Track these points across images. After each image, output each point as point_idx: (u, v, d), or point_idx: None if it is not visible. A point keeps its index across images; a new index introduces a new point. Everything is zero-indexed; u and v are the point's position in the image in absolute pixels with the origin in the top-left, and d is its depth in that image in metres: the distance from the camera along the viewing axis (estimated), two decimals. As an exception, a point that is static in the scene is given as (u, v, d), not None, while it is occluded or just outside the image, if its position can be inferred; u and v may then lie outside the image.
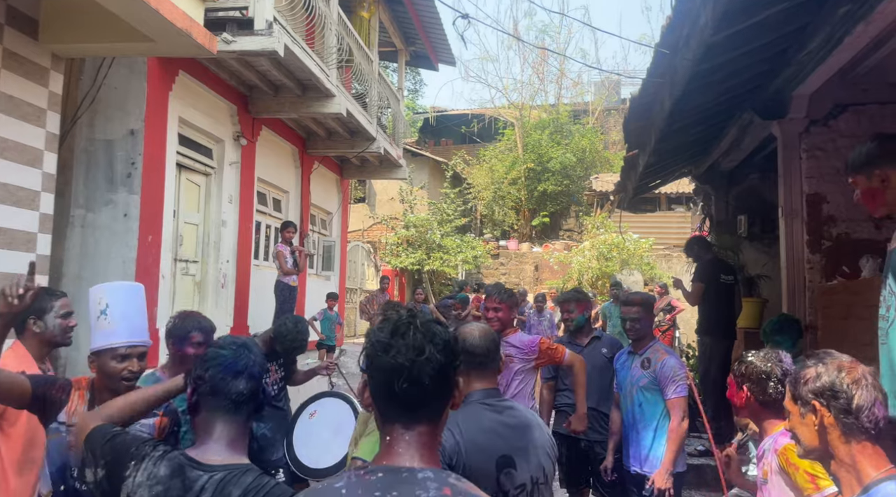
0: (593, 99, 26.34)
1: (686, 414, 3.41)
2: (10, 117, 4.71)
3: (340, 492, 1.13)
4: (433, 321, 1.26)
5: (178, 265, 7.18)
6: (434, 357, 1.19)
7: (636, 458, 3.55)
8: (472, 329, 2.15)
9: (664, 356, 3.50)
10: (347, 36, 8.43)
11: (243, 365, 1.60)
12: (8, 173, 4.71)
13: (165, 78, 6.39)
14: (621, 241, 16.19)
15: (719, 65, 4.03)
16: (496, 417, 2.01)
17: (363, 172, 12.35)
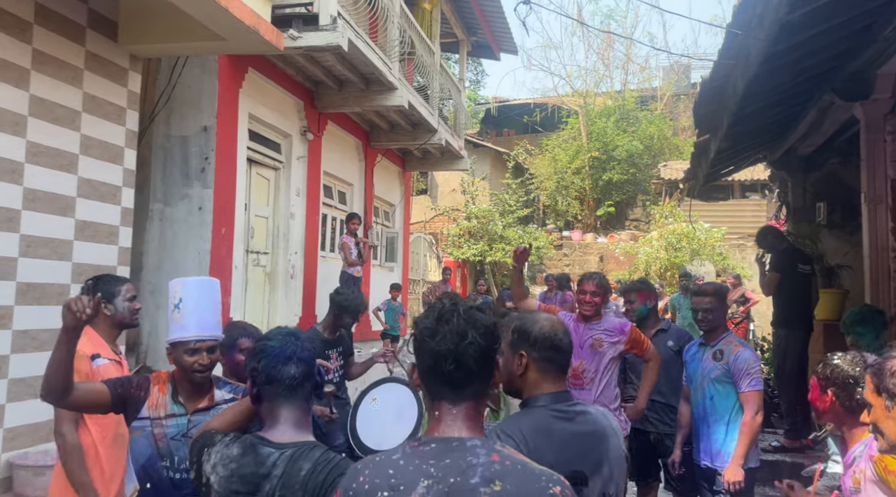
0: (662, 84, 25.57)
1: (761, 408, 3.29)
2: (93, 116, 4.98)
3: (399, 462, 1.26)
4: (475, 308, 1.36)
5: (250, 256, 7.43)
6: (476, 341, 1.31)
7: (707, 452, 3.46)
8: (556, 324, 1.85)
9: (738, 348, 3.39)
10: (409, 28, 8.48)
11: (291, 351, 1.71)
12: (92, 169, 4.99)
13: (235, 76, 6.61)
14: (691, 231, 15.69)
15: (795, 44, 3.83)
16: (567, 427, 1.76)
17: (425, 164, 12.43)
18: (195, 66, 6.26)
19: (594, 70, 25.54)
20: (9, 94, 4.28)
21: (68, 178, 4.78)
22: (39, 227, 4.54)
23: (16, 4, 4.30)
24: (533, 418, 1.76)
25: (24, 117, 4.41)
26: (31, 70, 4.45)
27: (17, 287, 4.38)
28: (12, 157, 4.33)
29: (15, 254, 4.36)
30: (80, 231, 4.89)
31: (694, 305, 3.60)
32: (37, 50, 4.48)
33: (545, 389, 1.80)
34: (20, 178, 4.39)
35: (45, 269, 4.58)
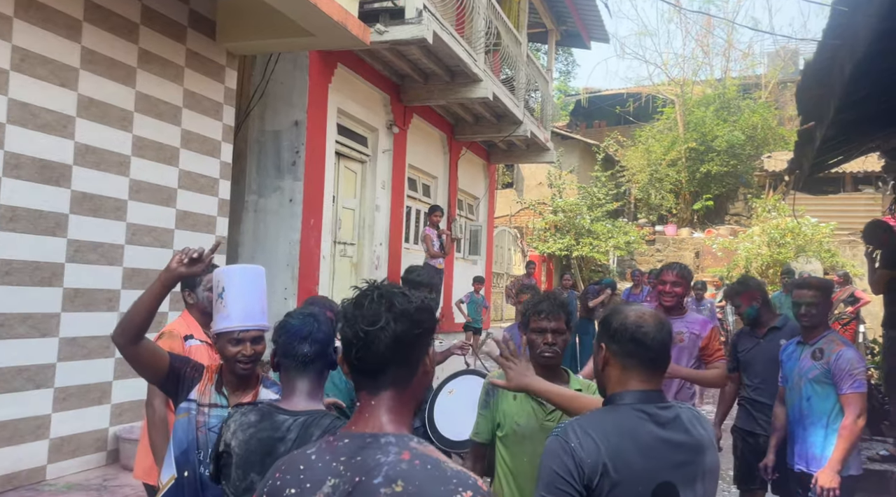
0: (766, 71, 24.13)
1: (864, 412, 3.04)
2: (193, 112, 5.28)
3: (311, 458, 1.21)
4: (397, 291, 1.28)
5: (337, 247, 7.66)
6: (389, 326, 1.22)
7: (802, 456, 3.25)
8: (645, 314, 1.68)
9: (840, 347, 3.15)
10: (496, 19, 8.42)
11: (307, 331, 1.86)
12: (192, 162, 5.29)
13: (325, 71, 6.81)
14: (796, 226, 14.73)
15: (913, 20, 3.50)
16: (658, 432, 1.57)
17: (510, 157, 12.34)
18: (287, 62, 6.50)
19: (692, 57, 24.41)
20: (117, 91, 4.61)
21: (170, 171, 5.10)
22: (144, 216, 4.88)
23: (124, 6, 4.62)
24: (617, 416, 1.59)
25: (130, 113, 4.74)
26: (137, 68, 4.77)
27: (123, 272, 4.72)
28: (120, 150, 4.66)
29: (122, 241, 4.70)
30: (180, 220, 5.21)
31: (795, 299, 3.37)
32: (142, 49, 4.80)
33: (631, 386, 1.63)
34: (127, 170, 4.72)
35: (148, 256, 4.91)
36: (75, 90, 4.31)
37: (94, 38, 4.43)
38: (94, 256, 4.50)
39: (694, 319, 3.60)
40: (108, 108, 4.54)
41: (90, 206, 4.44)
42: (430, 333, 1.29)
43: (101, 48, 4.48)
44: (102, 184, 4.52)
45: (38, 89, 4.06)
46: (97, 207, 4.49)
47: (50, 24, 4.12)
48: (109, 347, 4.61)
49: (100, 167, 4.51)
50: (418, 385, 1.30)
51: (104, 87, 4.51)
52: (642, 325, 1.64)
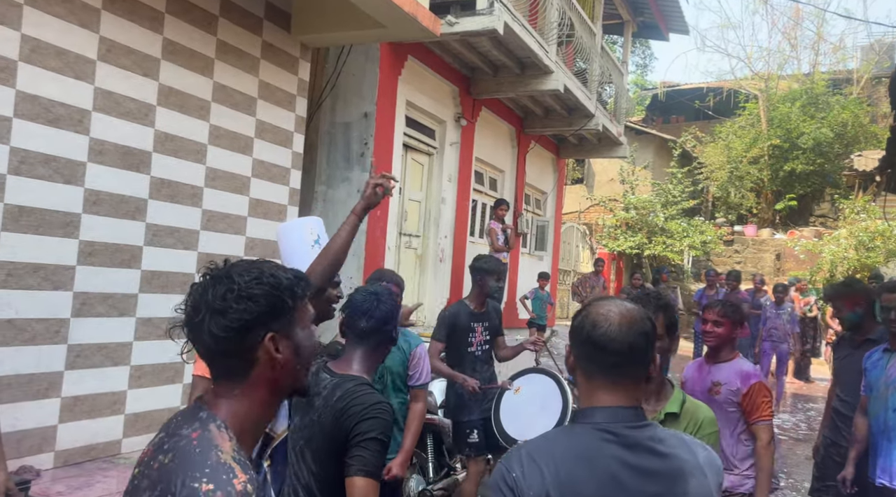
0: (859, 66, 22.70)
1: None
2: (267, 103, 5.41)
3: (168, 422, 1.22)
4: (226, 276, 1.18)
5: (402, 239, 7.71)
6: (205, 320, 1.16)
7: (885, 469, 3.03)
8: (611, 310, 1.38)
9: None
10: (570, 10, 8.25)
11: (367, 307, 2.11)
12: (265, 152, 5.43)
13: (395, 64, 6.84)
14: (887, 229, 13.81)
15: None
16: (624, 457, 1.29)
17: (580, 151, 12.09)
18: (359, 54, 6.57)
19: (778, 51, 23.40)
20: (196, 82, 4.77)
21: (244, 160, 5.25)
22: (218, 203, 5.03)
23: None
24: (574, 438, 1.33)
25: (208, 103, 4.89)
26: (215, 59, 4.92)
27: (198, 257, 4.89)
28: (197, 138, 4.83)
29: (197, 227, 4.87)
30: (253, 208, 5.36)
31: (884, 303, 3.13)
32: (220, 40, 4.95)
33: (602, 402, 1.35)
34: (203, 158, 4.89)
35: (222, 242, 5.07)
36: (156, 80, 4.48)
37: (175, 30, 4.59)
38: (171, 241, 4.68)
39: (737, 370, 3.02)
40: (186, 98, 4.71)
41: (168, 192, 4.62)
42: (262, 321, 1.17)
43: (182, 39, 4.64)
44: (180, 171, 4.69)
45: (121, 78, 4.24)
46: (174, 193, 4.67)
47: (134, 16, 4.30)
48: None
49: (178, 155, 4.68)
50: (258, 379, 1.20)
51: (183, 78, 4.67)
52: (600, 324, 1.35)
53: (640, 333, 1.35)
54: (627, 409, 1.34)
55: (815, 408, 9.53)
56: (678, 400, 1.96)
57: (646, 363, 1.36)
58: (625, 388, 1.35)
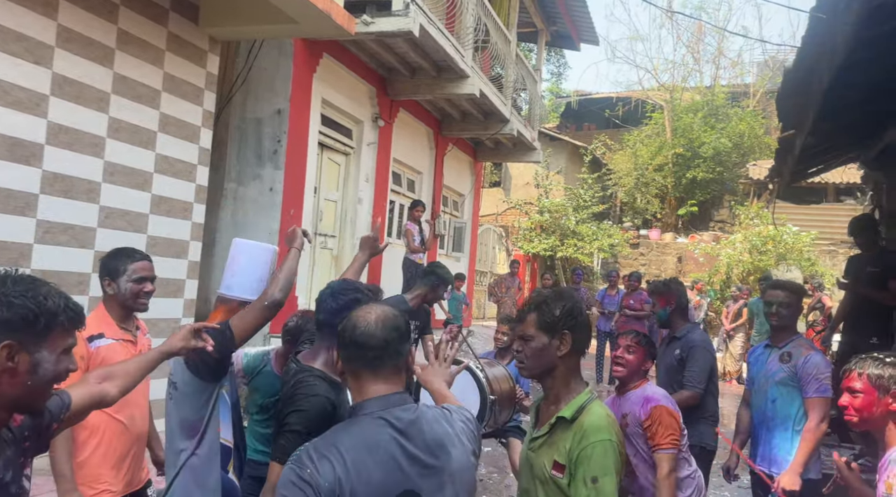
0: (755, 80, 24.32)
1: (827, 416, 3.07)
2: (172, 96, 5.21)
3: None
4: (18, 280, 1.35)
5: (318, 239, 7.61)
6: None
7: (764, 457, 3.27)
8: (368, 312, 1.58)
9: (808, 351, 3.18)
10: (485, 16, 8.41)
11: (320, 300, 2.24)
12: (169, 147, 5.22)
13: (310, 60, 6.75)
14: (778, 234, 14.88)
15: (891, 30, 3.52)
16: (396, 439, 1.46)
17: (497, 155, 12.34)
18: (272, 49, 6.44)
19: (683, 64, 24.58)
20: (94, 72, 4.53)
21: (146, 154, 5.03)
22: (118, 200, 4.80)
23: (103, -13, 4.54)
24: (355, 429, 1.48)
25: (107, 94, 4.66)
26: (116, 49, 4.69)
27: (94, 255, 4.65)
28: (95, 131, 4.59)
29: (94, 224, 4.63)
30: (155, 205, 5.14)
31: (767, 299, 3.38)
32: (122, 30, 4.72)
33: (372, 393, 1.52)
34: (101, 151, 4.65)
35: (121, 240, 4.81)
36: (50, 68, 4.23)
37: (71, 17, 4.35)
38: (65, 238, 4.42)
39: (640, 396, 2.87)
40: (83, 88, 4.47)
41: (62, 187, 4.37)
42: (6, 328, 1.30)
43: (78, 27, 4.40)
44: (75, 165, 4.45)
45: (10, 66, 3.98)
46: (69, 188, 4.42)
47: (25, 1, 4.04)
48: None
49: (73, 148, 4.43)
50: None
51: (80, 67, 4.43)
52: (360, 325, 1.54)
53: (393, 329, 1.55)
54: (393, 395, 1.53)
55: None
56: (576, 404, 1.86)
57: (401, 354, 1.57)
58: (386, 377, 1.54)
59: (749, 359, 3.60)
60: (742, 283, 14.81)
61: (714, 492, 5.69)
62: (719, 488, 5.67)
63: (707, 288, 14.01)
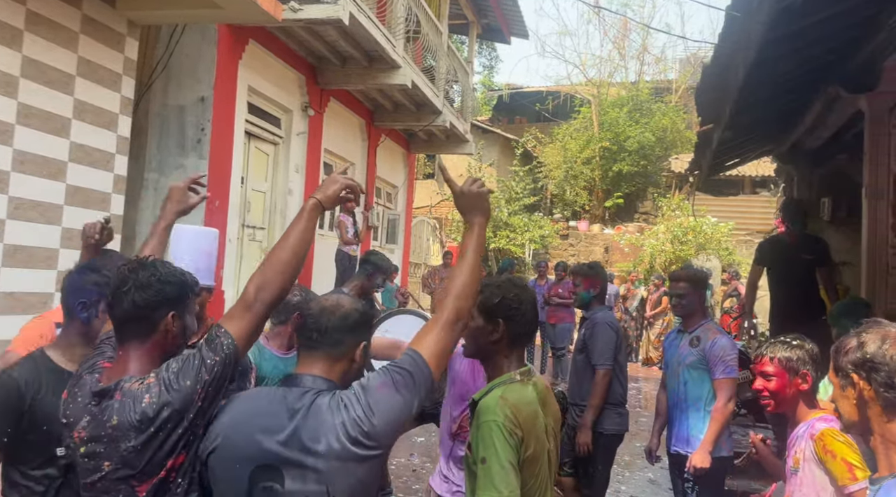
0: (677, 76, 25.27)
1: (733, 396, 3.25)
2: (88, 81, 4.95)
3: (76, 399, 1.60)
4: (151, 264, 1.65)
5: (246, 231, 7.42)
6: (129, 291, 1.59)
7: (679, 438, 3.43)
8: (326, 299, 1.67)
9: (715, 335, 3.35)
10: (416, 7, 8.38)
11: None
12: (85, 135, 4.96)
13: (235, 47, 6.55)
14: (697, 225, 15.56)
15: (797, 31, 3.73)
16: (279, 396, 1.53)
17: (430, 147, 12.35)
18: (195, 34, 6.20)
19: (609, 59, 25.23)
20: (0, 55, 4.25)
21: (60, 142, 4.76)
22: (29, 190, 4.53)
23: (8, -37, 4.26)
24: (260, 394, 1.72)
25: (15, 78, 4.38)
26: (25, 31, 4.41)
27: (3, 249, 4.38)
28: (3, 117, 4.31)
29: (3, 216, 4.35)
30: (70, 196, 4.88)
31: (670, 290, 3.56)
32: (31, 11, 4.44)
33: (298, 369, 1.64)
34: (10, 139, 4.37)
35: (33, 233, 4.57)
36: (-52, 48, 3.94)
37: (-28, -7, 4.06)
38: (-32, 231, 4.15)
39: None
40: (-13, 71, 4.19)
41: (-36, 177, 4.09)
42: (170, 302, 1.62)
43: (-19, 5, 4.12)
44: (-21, 153, 4.17)
45: None
46: (-27, 178, 4.14)
47: (-82, -26, 3.75)
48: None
49: (-23, 134, 4.15)
50: (153, 350, 1.64)
51: (-17, 48, 4.15)
52: (311, 308, 1.65)
53: (340, 318, 1.61)
54: (306, 376, 1.58)
55: (636, 386, 10.52)
56: (487, 388, 1.89)
57: (339, 343, 1.60)
58: (314, 360, 1.60)
59: (664, 344, 3.75)
60: (664, 271, 15.43)
61: (638, 473, 5.93)
62: (643, 469, 5.91)
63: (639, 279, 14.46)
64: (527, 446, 1.74)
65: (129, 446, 1.47)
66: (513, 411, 1.76)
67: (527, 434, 1.75)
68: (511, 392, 1.82)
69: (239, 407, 1.55)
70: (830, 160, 7.16)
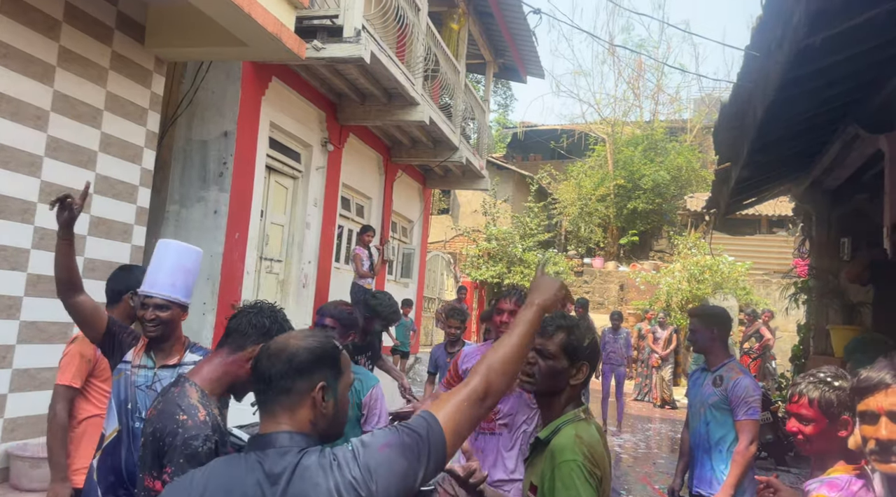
0: (692, 116, 25.42)
1: (756, 438, 3.17)
2: (115, 115, 5.07)
3: None
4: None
5: (263, 263, 7.47)
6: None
7: (701, 479, 3.34)
8: (273, 342, 1.45)
9: (738, 375, 3.29)
10: (435, 47, 8.54)
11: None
12: (110, 167, 5.07)
13: (259, 83, 6.70)
14: (715, 264, 15.43)
15: (818, 71, 3.75)
16: (261, 485, 1.27)
17: (446, 182, 12.45)
18: (220, 71, 6.36)
19: (623, 99, 25.48)
20: (33, 89, 4.38)
21: (86, 175, 4.85)
22: (54, 221, 4.58)
23: (46, 2, 4.42)
24: (229, 464, 1.34)
25: (46, 112, 4.50)
26: (57, 67, 4.55)
27: (27, 278, 4.44)
28: (32, 150, 4.41)
29: (28, 245, 4.43)
30: (94, 227, 4.96)
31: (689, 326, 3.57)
32: (63, 47, 4.59)
33: (262, 428, 1.38)
34: (38, 171, 4.47)
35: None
36: (-16, 83, 4.06)
37: (9, 32, 4.20)
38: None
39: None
40: (20, 105, 4.30)
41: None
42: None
43: (17, 43, 4.25)
44: (10, 184, 4.26)
45: (-59, 79, 3.81)
46: (2, 209, 4.22)
47: (-40, 12, 3.90)
48: (6, 358, 4.31)
49: (8, 166, 4.25)
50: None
51: (18, 83, 4.27)
52: (258, 356, 1.43)
53: (285, 362, 1.37)
54: (280, 434, 1.34)
55: (653, 428, 10.32)
56: (554, 425, 1.80)
57: (290, 391, 1.36)
58: (275, 414, 1.36)
59: (688, 382, 3.70)
60: (681, 310, 15.26)
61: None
62: (664, 512, 5.75)
63: (656, 317, 14.24)
64: (604, 487, 1.71)
65: None
66: (590, 451, 1.70)
67: (604, 474, 1.72)
68: (583, 431, 1.76)
69: (208, 484, 1.30)
70: (849, 200, 7.12)
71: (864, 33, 3.43)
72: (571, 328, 1.85)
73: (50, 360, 4.28)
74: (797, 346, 8.56)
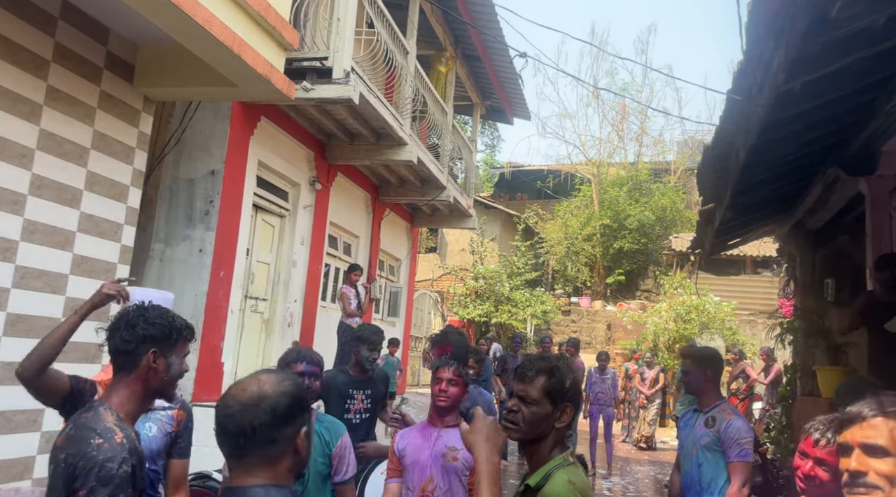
0: (676, 158, 25.86)
1: (749, 480, 3.13)
2: (101, 154, 5.06)
3: None
4: (154, 307, 1.92)
5: (248, 302, 7.38)
6: (119, 329, 1.90)
7: (693, 520, 3.27)
8: (241, 389, 1.36)
9: (730, 416, 3.27)
10: (423, 88, 8.67)
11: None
12: (95, 206, 5.02)
13: (247, 123, 6.73)
14: (701, 304, 15.50)
15: (798, 114, 3.83)
16: None
17: (434, 221, 12.48)
18: (208, 111, 6.39)
19: (608, 141, 25.93)
20: (18, 127, 4.36)
21: (70, 213, 4.81)
22: (36, 260, 4.54)
23: (35, 42, 4.44)
24: None
25: (31, 150, 4.48)
26: (44, 105, 4.54)
27: (6, 317, 4.34)
28: (16, 188, 4.37)
29: (8, 284, 4.34)
30: (76, 266, 4.89)
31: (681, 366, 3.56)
32: (51, 86, 4.59)
33: (236, 482, 1.33)
34: (21, 209, 4.42)
35: (37, 302, 4.55)
36: (-30, 121, 4.04)
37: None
38: (-29, 299, 4.12)
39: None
40: (5, 144, 4.28)
41: (-27, 245, 4.10)
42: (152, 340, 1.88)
43: (5, 82, 4.25)
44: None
45: (-75, 116, 3.78)
46: (-19, 246, 4.16)
47: (-52, 51, 3.90)
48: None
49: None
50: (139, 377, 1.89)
51: (4, 122, 4.25)
52: (224, 403, 1.34)
53: (266, 411, 1.31)
54: (256, 488, 1.29)
55: (642, 471, 10.17)
56: (544, 471, 1.76)
57: (274, 441, 1.32)
58: (251, 467, 1.31)
59: (679, 423, 3.66)
60: (668, 350, 15.24)
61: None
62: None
63: (644, 358, 14.17)
64: None
65: None
66: (583, 495, 1.68)
67: None
68: (574, 476, 1.72)
69: None
70: (832, 241, 7.20)
71: (842, 79, 3.52)
72: (552, 370, 1.81)
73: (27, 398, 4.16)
74: (784, 387, 8.54)
